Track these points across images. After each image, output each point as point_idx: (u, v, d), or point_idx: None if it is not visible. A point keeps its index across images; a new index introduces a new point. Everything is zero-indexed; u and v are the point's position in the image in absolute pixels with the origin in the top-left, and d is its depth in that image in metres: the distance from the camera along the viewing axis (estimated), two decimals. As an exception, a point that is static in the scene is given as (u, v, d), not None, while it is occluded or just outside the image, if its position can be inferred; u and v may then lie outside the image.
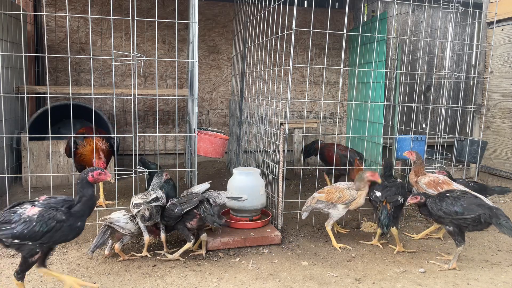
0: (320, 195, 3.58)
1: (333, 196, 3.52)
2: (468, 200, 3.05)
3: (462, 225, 3.04)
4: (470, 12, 4.70)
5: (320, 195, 3.58)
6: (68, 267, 3.03)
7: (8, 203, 3.55)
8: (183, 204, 3.13)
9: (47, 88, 3.47)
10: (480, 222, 3.00)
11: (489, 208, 3.00)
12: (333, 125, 7.36)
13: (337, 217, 3.58)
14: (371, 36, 5.54)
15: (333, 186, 3.63)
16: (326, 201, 3.54)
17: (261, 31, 4.37)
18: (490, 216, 2.96)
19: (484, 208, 2.98)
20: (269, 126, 4.18)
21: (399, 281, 2.95)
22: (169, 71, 6.66)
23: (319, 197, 3.57)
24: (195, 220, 3.15)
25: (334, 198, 3.51)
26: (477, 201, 3.04)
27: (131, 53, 3.41)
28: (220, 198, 3.27)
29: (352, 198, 3.51)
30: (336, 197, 3.51)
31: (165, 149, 6.56)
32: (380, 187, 3.52)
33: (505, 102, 5.82)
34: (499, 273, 3.15)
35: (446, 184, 3.56)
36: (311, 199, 3.63)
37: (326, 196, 3.55)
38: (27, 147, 3.96)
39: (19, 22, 5.15)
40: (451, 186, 3.54)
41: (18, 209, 2.47)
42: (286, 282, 2.90)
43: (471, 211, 2.99)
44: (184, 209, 3.10)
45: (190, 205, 3.12)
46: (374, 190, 3.55)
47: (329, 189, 3.61)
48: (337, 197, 3.51)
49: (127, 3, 6.05)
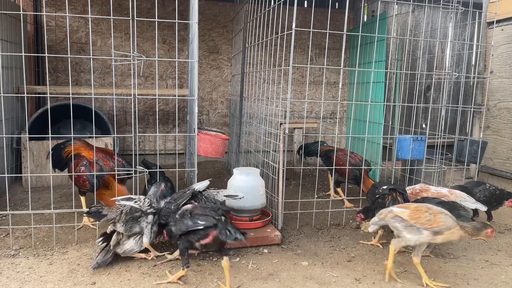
0: (402, 211, 2.92)
1: (421, 216, 2.85)
2: (430, 201, 3.26)
3: None
4: (470, 12, 4.70)
5: (403, 211, 2.91)
6: (68, 267, 3.02)
7: (8, 203, 3.55)
8: (177, 200, 3.10)
9: (47, 88, 3.47)
10: None
11: (447, 203, 3.26)
12: (333, 125, 7.36)
13: (413, 243, 2.87)
14: (371, 36, 5.54)
15: (425, 205, 2.99)
16: (409, 220, 2.87)
17: (261, 31, 4.37)
18: (450, 209, 3.09)
19: (444, 204, 3.22)
20: (269, 126, 4.18)
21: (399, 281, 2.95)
22: (169, 71, 6.66)
23: (400, 213, 2.91)
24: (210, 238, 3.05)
25: (422, 219, 2.84)
26: (436, 201, 3.30)
27: (131, 53, 3.41)
28: (219, 196, 3.29)
29: (446, 228, 2.80)
30: (424, 218, 2.83)
31: (165, 149, 6.56)
32: (384, 184, 3.60)
33: (505, 102, 5.82)
34: (499, 273, 3.15)
35: (424, 191, 3.67)
36: (387, 212, 3.00)
37: (412, 214, 2.87)
38: (27, 147, 3.96)
39: (19, 22, 5.15)
40: (429, 191, 3.64)
41: None
42: (286, 282, 2.90)
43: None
44: (180, 203, 3.05)
45: (184, 198, 3.08)
46: (379, 187, 3.59)
47: (417, 206, 2.97)
48: (426, 220, 2.83)
49: (127, 3, 6.05)
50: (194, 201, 3.13)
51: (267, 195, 4.00)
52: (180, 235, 2.73)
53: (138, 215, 3.09)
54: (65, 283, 2.80)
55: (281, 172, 3.71)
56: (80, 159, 3.75)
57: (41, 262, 3.11)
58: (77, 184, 3.76)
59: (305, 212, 4.28)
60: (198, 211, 2.81)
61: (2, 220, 3.98)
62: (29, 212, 3.80)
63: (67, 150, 3.98)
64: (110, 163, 3.79)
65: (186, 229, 2.69)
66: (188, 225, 2.70)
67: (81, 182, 3.68)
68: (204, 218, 2.71)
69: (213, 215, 2.74)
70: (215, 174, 6.07)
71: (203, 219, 2.69)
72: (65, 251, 3.30)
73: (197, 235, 2.68)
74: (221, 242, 2.66)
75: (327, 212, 4.28)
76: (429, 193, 3.58)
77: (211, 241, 2.66)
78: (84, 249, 3.33)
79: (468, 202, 3.42)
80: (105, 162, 3.75)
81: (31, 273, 2.93)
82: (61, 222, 3.86)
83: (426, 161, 4.79)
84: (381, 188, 3.59)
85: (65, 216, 4.03)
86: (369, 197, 3.78)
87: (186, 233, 2.71)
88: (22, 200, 4.59)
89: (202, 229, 2.66)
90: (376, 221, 3.03)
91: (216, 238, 2.64)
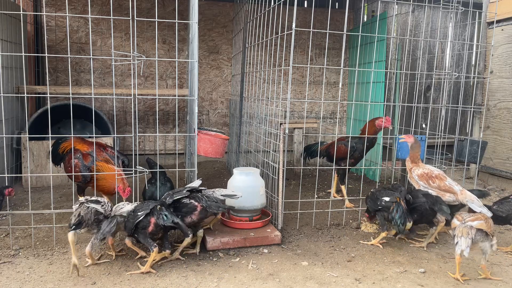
0: (478, 223, 2.89)
1: (490, 223, 2.92)
2: (416, 192, 3.55)
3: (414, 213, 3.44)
4: (470, 12, 4.70)
5: (479, 223, 2.89)
6: (68, 267, 3.02)
7: (8, 203, 3.55)
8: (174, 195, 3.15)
9: (47, 88, 3.47)
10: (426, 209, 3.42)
11: (431, 196, 3.47)
12: (333, 125, 7.36)
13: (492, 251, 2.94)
14: (371, 36, 5.54)
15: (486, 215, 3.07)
16: (486, 231, 2.87)
17: (261, 31, 4.37)
18: (432, 203, 3.39)
19: (427, 197, 3.45)
20: (269, 126, 4.18)
21: (399, 281, 2.95)
22: (169, 71, 6.66)
23: (479, 226, 2.87)
24: (196, 213, 3.13)
25: (492, 227, 2.92)
26: (422, 192, 3.53)
27: (131, 53, 3.41)
28: (216, 195, 3.28)
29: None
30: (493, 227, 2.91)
31: (165, 149, 6.56)
32: (384, 193, 3.56)
33: (505, 102, 5.82)
34: (499, 273, 3.15)
35: (439, 179, 3.64)
36: (466, 229, 2.88)
37: (487, 224, 2.89)
38: (27, 147, 3.96)
39: (19, 22, 5.15)
40: (444, 181, 3.60)
41: None
42: (286, 282, 2.90)
43: (417, 198, 3.47)
44: (175, 197, 3.10)
45: (180, 195, 3.12)
46: (380, 198, 3.54)
47: (484, 215, 3.02)
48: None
49: (127, 3, 6.05)
50: (195, 201, 3.14)
51: (267, 195, 4.00)
52: (133, 229, 3.01)
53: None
54: (65, 283, 2.80)
55: (281, 172, 3.71)
56: (75, 153, 3.87)
57: (41, 262, 3.11)
58: (71, 177, 3.89)
59: (305, 212, 4.28)
60: (139, 207, 3.09)
61: (2, 220, 3.98)
62: (29, 212, 3.80)
63: (63, 146, 4.11)
64: (102, 153, 3.96)
65: (134, 222, 2.97)
66: (135, 218, 2.99)
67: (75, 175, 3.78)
68: (142, 209, 3.01)
69: (150, 206, 3.02)
70: (215, 174, 6.07)
71: (141, 210, 3.00)
72: (65, 251, 3.30)
73: (143, 224, 2.98)
74: (160, 227, 2.97)
75: (327, 212, 4.28)
76: (442, 183, 3.59)
77: (153, 228, 2.97)
78: (84, 249, 3.33)
79: (475, 204, 3.41)
80: (97, 152, 3.91)
81: (31, 273, 2.93)
82: (61, 222, 3.86)
83: (426, 161, 4.79)
84: (383, 200, 3.52)
85: (65, 216, 4.03)
86: (369, 205, 3.73)
87: (136, 227, 2.99)
88: (22, 200, 4.59)
89: (144, 218, 2.96)
90: (468, 243, 2.82)
91: (156, 224, 2.96)
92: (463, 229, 2.88)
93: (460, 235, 2.86)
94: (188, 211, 3.12)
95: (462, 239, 2.84)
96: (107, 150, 4.06)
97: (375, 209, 3.62)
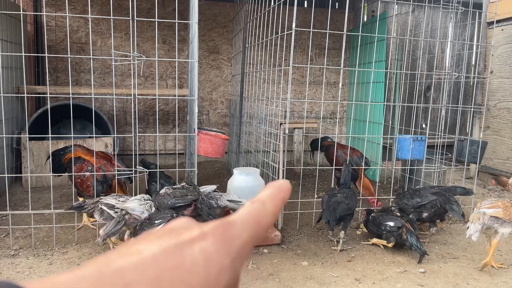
0: (495, 211, 3.06)
1: (511, 211, 3.08)
2: (424, 191, 3.56)
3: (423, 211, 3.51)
4: (470, 12, 4.70)
5: (496, 211, 3.06)
6: (68, 267, 3.02)
7: (8, 203, 3.55)
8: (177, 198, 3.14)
9: (47, 88, 3.47)
10: (437, 207, 3.45)
11: (443, 194, 3.46)
12: (333, 125, 7.36)
13: (507, 235, 3.12)
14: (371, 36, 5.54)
15: (509, 202, 3.19)
16: (503, 218, 3.04)
17: (261, 31, 4.37)
18: (444, 201, 3.39)
19: (438, 196, 3.45)
20: (269, 126, 4.18)
21: (399, 281, 2.95)
22: (169, 71, 6.66)
23: (495, 214, 3.04)
24: (189, 210, 3.13)
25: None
26: (432, 191, 3.53)
27: (131, 53, 3.41)
28: (222, 200, 3.30)
29: None
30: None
31: (165, 149, 6.56)
32: (388, 218, 3.44)
33: (505, 102, 5.82)
34: (499, 273, 3.15)
35: None
36: (480, 215, 3.06)
37: (505, 212, 3.04)
38: (27, 147, 3.96)
39: (19, 22, 5.15)
40: None
41: None
42: (286, 282, 2.90)
43: (426, 197, 3.49)
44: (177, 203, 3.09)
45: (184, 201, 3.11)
46: (384, 223, 3.42)
47: (504, 203, 3.15)
48: None
49: (127, 3, 6.05)
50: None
51: (267, 195, 3.99)
52: None
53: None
54: (65, 283, 2.80)
55: (281, 172, 3.71)
56: (84, 164, 3.73)
57: (41, 262, 3.11)
58: (79, 187, 3.74)
59: (305, 212, 4.28)
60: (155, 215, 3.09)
61: (2, 220, 3.98)
62: (29, 212, 3.80)
63: (67, 156, 3.93)
64: (111, 169, 3.74)
65: None
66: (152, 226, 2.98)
67: (84, 187, 3.67)
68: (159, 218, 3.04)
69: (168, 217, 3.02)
70: (215, 174, 6.07)
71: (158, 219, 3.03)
72: (65, 251, 3.30)
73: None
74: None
75: (327, 212, 4.27)
76: None
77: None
78: (84, 249, 3.33)
79: None
80: (107, 168, 3.70)
81: (31, 273, 2.93)
82: (61, 222, 3.86)
83: (426, 161, 4.79)
84: (387, 226, 3.40)
85: (65, 216, 4.03)
86: (371, 229, 3.60)
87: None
88: (22, 200, 4.59)
89: None
90: (477, 227, 3.00)
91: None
92: (475, 215, 3.07)
93: (471, 221, 3.06)
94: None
95: (472, 224, 3.03)
96: (113, 164, 3.79)
97: (378, 233, 3.51)
